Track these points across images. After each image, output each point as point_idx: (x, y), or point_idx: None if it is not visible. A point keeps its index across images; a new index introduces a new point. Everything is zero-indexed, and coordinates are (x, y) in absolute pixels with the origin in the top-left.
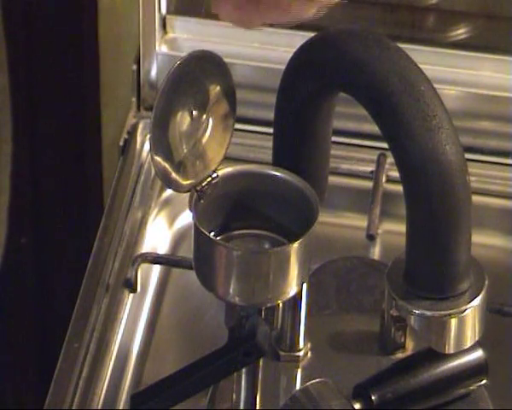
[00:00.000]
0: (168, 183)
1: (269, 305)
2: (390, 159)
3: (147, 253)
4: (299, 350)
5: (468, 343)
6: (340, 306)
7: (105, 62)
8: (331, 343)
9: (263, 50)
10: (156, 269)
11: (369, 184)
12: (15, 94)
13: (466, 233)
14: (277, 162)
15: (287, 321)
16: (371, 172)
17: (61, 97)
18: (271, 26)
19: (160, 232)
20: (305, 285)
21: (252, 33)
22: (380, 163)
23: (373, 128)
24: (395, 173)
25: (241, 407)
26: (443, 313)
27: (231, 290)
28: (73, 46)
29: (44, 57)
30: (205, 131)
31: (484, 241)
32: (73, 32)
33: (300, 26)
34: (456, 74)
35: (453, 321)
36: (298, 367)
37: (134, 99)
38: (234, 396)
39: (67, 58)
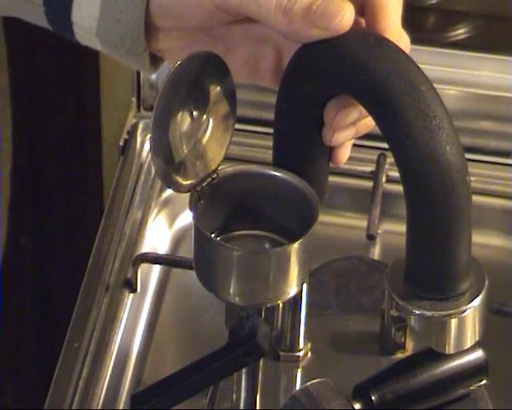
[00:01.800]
0: (168, 183)
1: (269, 305)
2: (390, 159)
3: (147, 253)
4: (299, 350)
5: (469, 344)
6: (340, 306)
7: (105, 62)
8: (331, 343)
9: None
10: (156, 269)
11: (369, 184)
12: (15, 94)
13: (466, 233)
14: (277, 162)
15: (287, 321)
16: (371, 172)
17: (61, 97)
18: None
19: (160, 232)
20: (305, 285)
21: None
22: (380, 163)
23: (373, 128)
24: (395, 173)
25: (241, 407)
26: (443, 313)
27: (231, 290)
28: (73, 46)
29: (44, 57)
30: (205, 131)
31: (484, 241)
32: None
33: None
34: (456, 74)
35: (453, 321)
36: (298, 367)
37: (134, 99)
38: (234, 396)
39: (67, 58)
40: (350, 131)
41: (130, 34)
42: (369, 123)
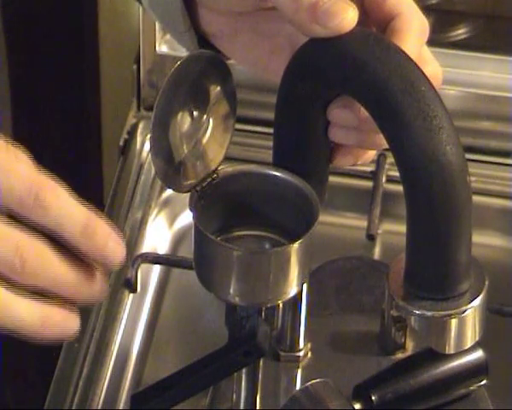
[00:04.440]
0: (168, 183)
1: (269, 305)
2: (390, 159)
3: (147, 253)
4: (299, 350)
5: (469, 344)
6: (340, 306)
7: (105, 62)
8: (331, 343)
9: None
10: (156, 269)
11: (369, 184)
12: (15, 94)
13: (466, 234)
14: (277, 162)
15: (287, 321)
16: (371, 172)
17: (61, 97)
18: None
19: (160, 232)
20: (305, 285)
21: None
22: (380, 163)
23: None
24: (395, 173)
25: (241, 407)
26: (443, 313)
27: (231, 290)
28: (74, 46)
29: (44, 57)
30: (205, 131)
31: (484, 241)
32: (74, 31)
33: None
34: (456, 74)
35: (453, 322)
36: (298, 367)
37: (134, 99)
38: (234, 396)
39: (68, 58)
40: (351, 133)
41: (169, 10)
42: (377, 141)
